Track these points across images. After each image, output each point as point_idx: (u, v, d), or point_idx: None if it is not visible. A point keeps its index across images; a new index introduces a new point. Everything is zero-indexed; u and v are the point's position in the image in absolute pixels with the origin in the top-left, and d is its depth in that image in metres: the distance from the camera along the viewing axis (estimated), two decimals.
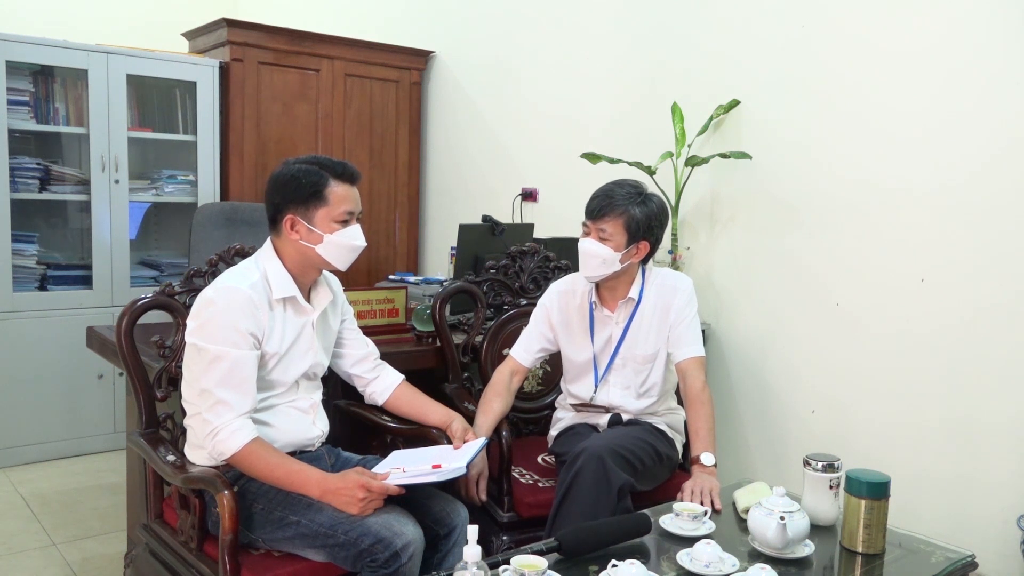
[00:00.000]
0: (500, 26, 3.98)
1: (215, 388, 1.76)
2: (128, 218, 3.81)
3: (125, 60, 3.74)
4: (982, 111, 2.32)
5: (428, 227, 4.55)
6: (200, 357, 1.79)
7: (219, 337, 1.77)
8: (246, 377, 1.80)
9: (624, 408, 2.31)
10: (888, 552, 1.76)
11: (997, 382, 2.30)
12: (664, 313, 2.28)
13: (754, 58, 2.88)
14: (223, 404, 1.76)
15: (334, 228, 1.88)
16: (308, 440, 1.96)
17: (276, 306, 1.88)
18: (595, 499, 1.97)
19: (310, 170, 1.87)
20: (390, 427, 2.18)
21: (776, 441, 2.85)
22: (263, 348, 1.85)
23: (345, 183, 1.90)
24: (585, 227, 2.23)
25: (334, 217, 1.88)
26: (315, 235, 1.87)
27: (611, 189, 2.21)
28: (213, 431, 1.76)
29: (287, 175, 1.88)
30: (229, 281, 1.84)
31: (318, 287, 2.00)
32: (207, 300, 1.81)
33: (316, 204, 1.87)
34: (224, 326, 1.78)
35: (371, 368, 2.15)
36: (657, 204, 2.24)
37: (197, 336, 1.80)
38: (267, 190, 1.92)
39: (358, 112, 4.26)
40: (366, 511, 1.73)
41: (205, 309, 1.80)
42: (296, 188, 1.87)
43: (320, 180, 1.87)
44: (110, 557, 2.82)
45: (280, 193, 1.89)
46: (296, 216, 1.87)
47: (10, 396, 3.60)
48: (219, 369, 1.77)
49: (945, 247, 2.41)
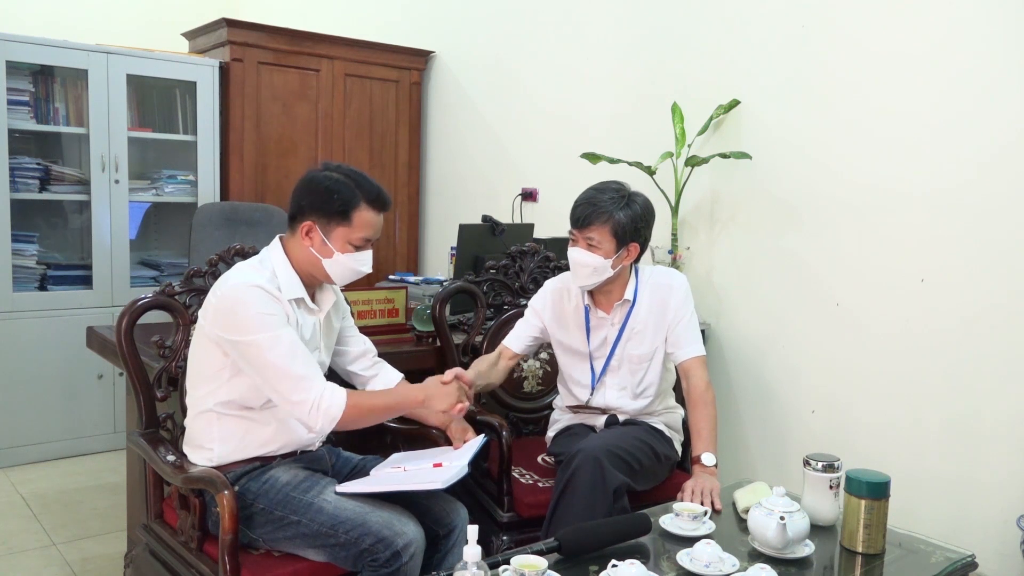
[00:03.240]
0: (500, 26, 3.98)
1: (290, 366, 1.75)
2: (128, 218, 3.81)
3: (125, 60, 3.74)
4: (982, 111, 2.32)
5: (428, 227, 4.55)
6: (258, 349, 1.75)
7: (265, 324, 1.76)
8: (304, 349, 1.80)
9: (621, 409, 2.30)
10: (888, 552, 1.76)
11: (997, 382, 2.30)
12: (660, 312, 2.27)
13: (754, 58, 2.88)
14: (305, 379, 1.76)
15: (348, 249, 1.86)
16: (308, 441, 1.95)
17: (288, 306, 1.86)
18: (591, 500, 1.97)
19: (347, 186, 1.84)
20: (390, 427, 2.18)
21: (776, 441, 2.85)
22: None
23: (375, 210, 1.87)
24: (572, 236, 2.21)
25: (352, 240, 1.86)
26: (327, 249, 1.85)
27: (593, 196, 2.18)
28: (315, 404, 1.75)
29: (323, 183, 1.85)
30: (244, 278, 1.80)
31: (323, 289, 1.99)
32: (232, 300, 1.77)
33: (340, 222, 1.84)
34: (263, 313, 1.76)
35: (369, 365, 2.14)
36: (641, 204, 2.20)
37: (241, 333, 1.75)
38: (297, 188, 1.89)
39: (358, 112, 4.26)
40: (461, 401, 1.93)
41: (235, 308, 1.77)
42: (327, 199, 1.84)
43: (352, 200, 1.84)
44: (110, 557, 2.82)
45: (309, 197, 1.86)
46: (316, 225, 1.85)
47: (10, 396, 3.60)
48: (282, 349, 1.75)
49: (945, 247, 2.41)
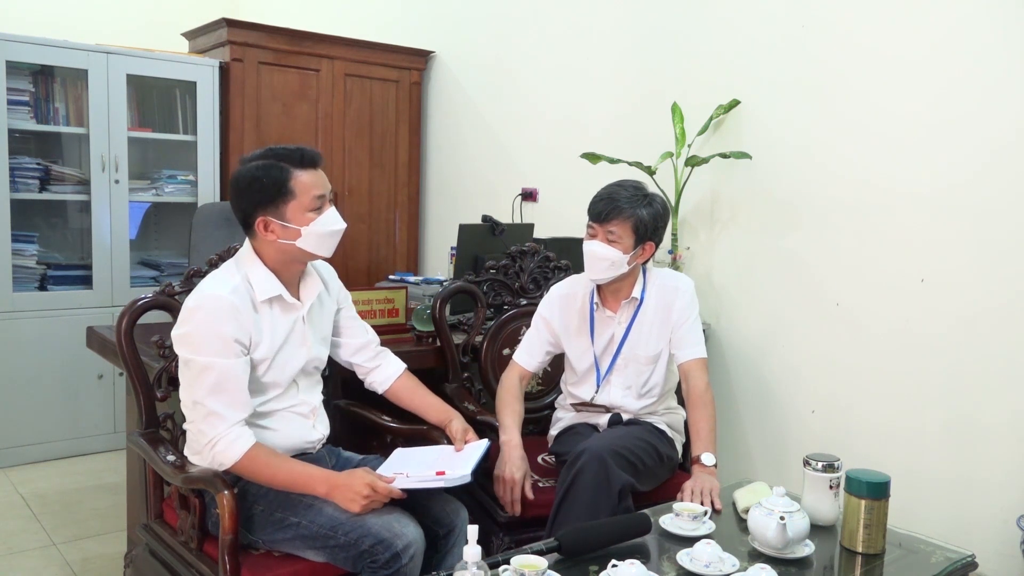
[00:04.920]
0: (500, 26, 3.97)
1: (206, 399, 1.73)
2: (128, 218, 3.81)
3: (125, 60, 3.74)
4: (982, 111, 2.32)
5: (428, 227, 4.55)
6: (188, 368, 1.76)
7: (205, 347, 1.73)
8: (237, 386, 1.75)
9: (624, 408, 2.31)
10: (888, 552, 1.75)
11: (997, 382, 2.30)
12: (666, 313, 2.28)
13: (754, 58, 2.88)
14: (215, 415, 1.73)
15: (309, 218, 1.81)
16: (309, 444, 1.94)
17: (262, 307, 1.83)
18: (596, 499, 1.97)
19: (269, 165, 1.80)
20: (390, 427, 2.18)
21: (776, 441, 2.85)
22: (253, 353, 1.81)
23: (308, 169, 1.82)
24: (591, 229, 2.22)
25: (306, 206, 1.81)
26: (291, 231, 1.81)
27: (615, 191, 2.20)
28: (211, 442, 1.74)
29: (247, 177, 1.81)
30: (209, 288, 1.79)
31: (306, 278, 1.95)
32: (189, 309, 1.77)
33: (284, 199, 1.80)
34: (209, 335, 1.73)
35: (372, 356, 2.12)
36: (660, 204, 2.24)
37: (183, 347, 1.77)
38: (231, 195, 1.85)
39: (358, 112, 4.26)
40: (366, 510, 1.72)
41: (189, 319, 1.76)
42: (260, 188, 1.80)
43: (282, 174, 1.79)
44: (110, 557, 2.82)
45: (245, 197, 1.82)
46: (268, 216, 1.81)
47: (10, 396, 3.60)
48: (208, 380, 1.73)
49: (945, 247, 2.41)
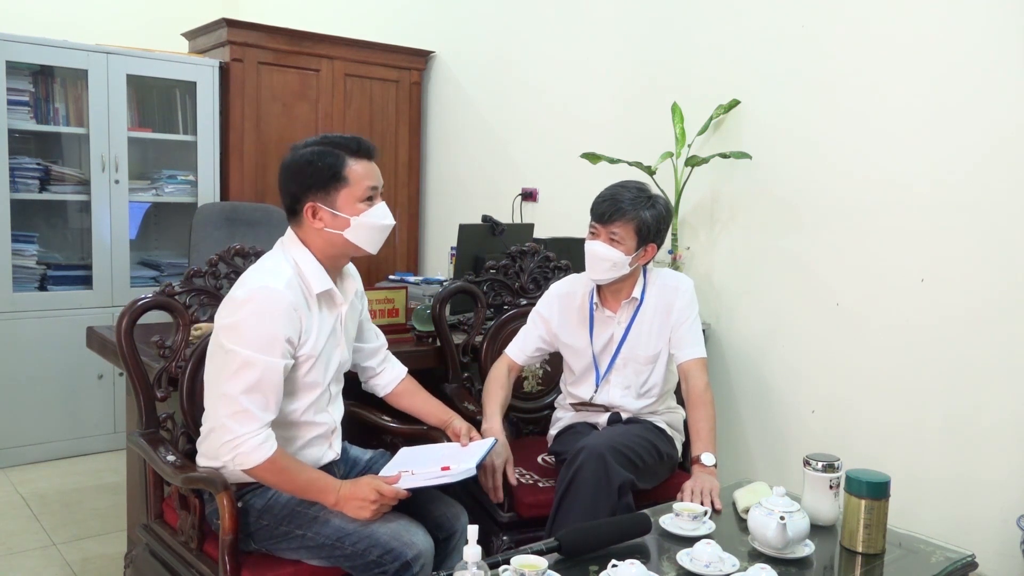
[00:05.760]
0: (500, 25, 3.97)
1: (240, 396, 1.66)
2: (128, 218, 3.82)
3: (125, 60, 3.74)
4: (982, 110, 2.32)
5: (428, 227, 4.55)
6: (228, 359, 1.68)
7: (252, 342, 1.66)
8: (274, 387, 1.69)
9: (624, 407, 2.31)
10: (888, 552, 1.75)
11: (997, 382, 2.30)
12: (666, 313, 2.28)
13: (754, 57, 2.87)
14: (246, 414, 1.66)
15: (360, 209, 1.77)
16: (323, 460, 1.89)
17: (313, 304, 1.78)
18: (596, 496, 1.97)
19: (324, 151, 1.77)
20: (391, 428, 2.18)
21: (776, 441, 2.85)
22: (300, 351, 1.75)
23: (363, 159, 1.79)
24: (593, 229, 2.22)
25: (358, 196, 1.77)
26: (341, 220, 1.77)
27: (618, 192, 2.20)
28: (235, 441, 1.66)
29: (301, 160, 1.77)
30: (261, 280, 1.71)
31: (345, 276, 1.92)
32: (241, 300, 1.69)
33: (337, 186, 1.76)
34: (260, 331, 1.67)
35: (381, 360, 2.12)
36: (664, 206, 2.24)
37: (228, 337, 1.68)
38: (281, 179, 1.82)
39: (358, 112, 4.27)
40: (377, 515, 1.71)
41: (240, 309, 1.68)
42: (313, 173, 1.76)
43: (337, 161, 1.76)
44: (110, 557, 2.82)
45: (296, 181, 1.78)
46: (317, 203, 1.76)
47: (10, 396, 3.60)
48: (248, 376, 1.66)
49: (945, 246, 2.41)
